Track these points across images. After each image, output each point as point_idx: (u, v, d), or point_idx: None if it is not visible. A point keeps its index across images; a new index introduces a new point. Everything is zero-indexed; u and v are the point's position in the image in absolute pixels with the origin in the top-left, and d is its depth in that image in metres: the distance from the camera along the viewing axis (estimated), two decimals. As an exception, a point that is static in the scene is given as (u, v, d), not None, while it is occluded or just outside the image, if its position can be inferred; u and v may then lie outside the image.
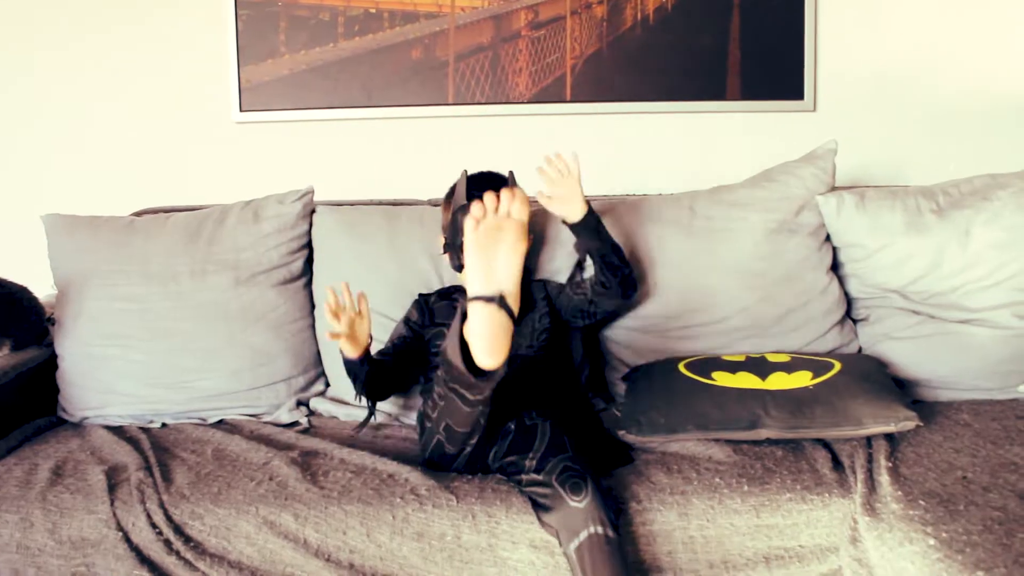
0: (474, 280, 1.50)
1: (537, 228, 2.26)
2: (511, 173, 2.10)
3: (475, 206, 1.49)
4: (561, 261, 2.26)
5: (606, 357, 2.27)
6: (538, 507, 1.60)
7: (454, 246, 2.04)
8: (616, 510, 1.58)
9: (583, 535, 1.50)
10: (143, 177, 2.87)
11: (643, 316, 2.18)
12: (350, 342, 1.84)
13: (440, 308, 2.14)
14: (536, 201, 2.01)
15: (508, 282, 1.50)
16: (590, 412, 2.06)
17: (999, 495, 1.54)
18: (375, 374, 1.93)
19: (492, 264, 1.50)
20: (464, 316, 1.50)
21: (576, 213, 1.97)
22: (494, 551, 1.61)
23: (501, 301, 1.48)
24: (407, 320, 2.15)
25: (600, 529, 1.51)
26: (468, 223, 1.50)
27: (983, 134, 2.73)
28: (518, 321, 1.74)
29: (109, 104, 2.85)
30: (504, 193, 1.50)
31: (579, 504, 1.52)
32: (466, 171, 2.08)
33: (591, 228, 1.97)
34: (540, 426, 1.74)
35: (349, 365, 1.90)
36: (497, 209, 1.50)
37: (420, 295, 2.20)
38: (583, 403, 2.09)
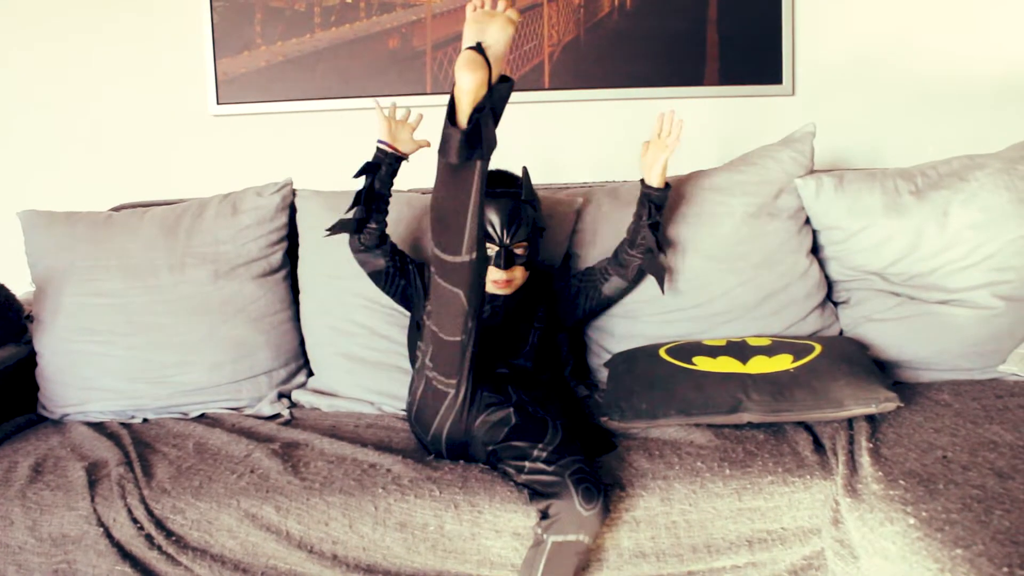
0: (465, 39, 1.62)
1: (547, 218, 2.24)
2: (525, 169, 2.07)
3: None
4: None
5: (587, 343, 2.27)
6: (536, 492, 1.60)
7: None
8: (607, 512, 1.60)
9: (571, 536, 1.54)
10: (121, 172, 2.85)
11: (623, 301, 2.18)
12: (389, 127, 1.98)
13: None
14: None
15: (495, 47, 1.61)
16: (574, 400, 2.06)
17: (978, 473, 1.55)
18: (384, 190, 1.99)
19: (482, 30, 1.61)
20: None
21: (654, 179, 2.03)
22: (477, 540, 1.62)
23: (479, 47, 1.59)
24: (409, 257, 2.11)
25: (587, 540, 1.54)
26: (468, 6, 1.65)
27: (961, 115, 2.74)
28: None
29: (86, 100, 2.83)
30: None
31: (586, 513, 1.54)
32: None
33: (658, 204, 2.03)
34: (551, 422, 1.74)
35: (378, 154, 2.00)
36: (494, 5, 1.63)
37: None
38: (568, 393, 2.09)
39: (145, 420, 2.14)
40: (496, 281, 1.99)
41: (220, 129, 2.83)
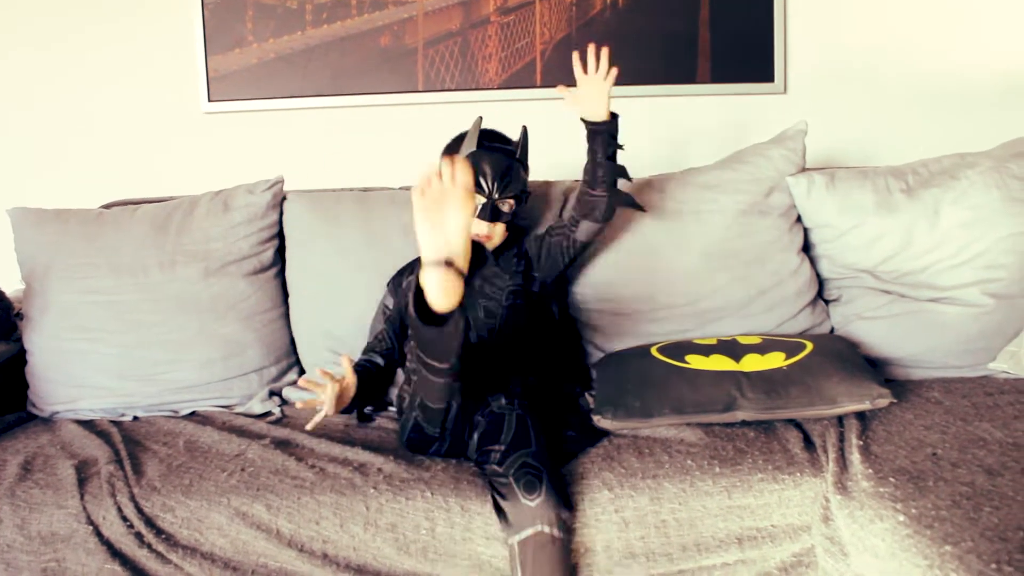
0: (425, 246, 1.53)
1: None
2: (524, 128, 2.10)
3: (420, 176, 1.51)
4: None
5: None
6: (496, 494, 1.61)
7: None
8: (570, 508, 1.60)
9: (529, 531, 1.53)
10: (111, 169, 2.84)
11: (614, 298, 2.18)
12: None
13: (413, 283, 2.06)
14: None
15: (456, 244, 1.53)
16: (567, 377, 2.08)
17: (967, 471, 1.55)
18: (365, 391, 1.92)
19: (441, 229, 1.52)
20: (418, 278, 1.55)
21: (600, 113, 1.92)
22: (468, 544, 1.61)
23: (449, 264, 1.51)
24: (384, 311, 2.13)
25: (547, 528, 1.53)
26: (414, 193, 1.51)
27: (953, 114, 2.74)
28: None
29: (77, 97, 2.82)
30: (445, 162, 1.51)
31: (531, 503, 1.54)
32: (480, 119, 2.07)
33: (611, 134, 1.94)
34: (507, 416, 1.74)
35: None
36: (441, 177, 1.51)
37: (392, 277, 2.16)
38: (561, 365, 2.10)
39: (135, 418, 2.13)
40: (477, 234, 2.03)
41: (211, 126, 2.82)
